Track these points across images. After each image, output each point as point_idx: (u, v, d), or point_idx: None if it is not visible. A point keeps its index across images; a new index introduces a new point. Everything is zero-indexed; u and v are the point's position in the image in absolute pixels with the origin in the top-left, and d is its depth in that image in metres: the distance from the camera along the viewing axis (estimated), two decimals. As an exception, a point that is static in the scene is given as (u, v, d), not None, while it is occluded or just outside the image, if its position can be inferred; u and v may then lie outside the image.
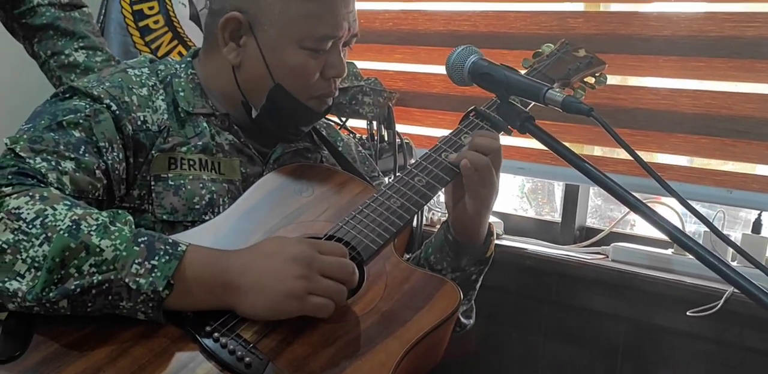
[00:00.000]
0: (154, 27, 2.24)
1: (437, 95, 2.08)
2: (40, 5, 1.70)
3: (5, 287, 1.01)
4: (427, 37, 2.09)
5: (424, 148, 2.07)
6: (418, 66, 2.14)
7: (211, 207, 1.24)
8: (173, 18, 2.26)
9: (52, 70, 1.72)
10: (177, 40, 2.27)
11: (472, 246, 1.31)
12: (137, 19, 2.23)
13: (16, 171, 1.09)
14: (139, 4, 2.22)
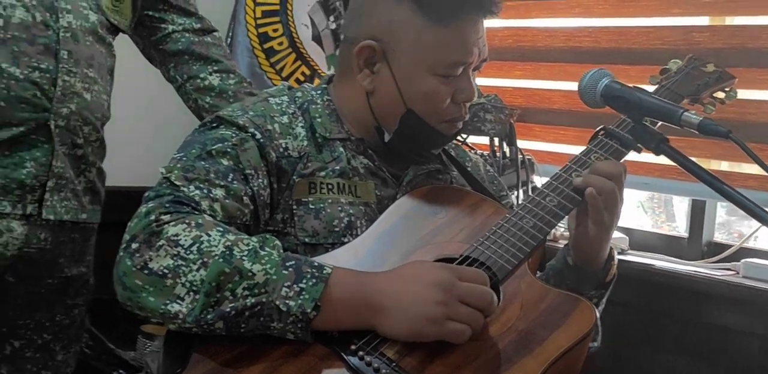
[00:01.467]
0: (279, 48, 2.35)
1: (558, 111, 2.11)
2: (175, 32, 1.81)
3: (167, 309, 1.09)
4: (548, 53, 2.13)
5: (545, 164, 2.11)
6: (539, 82, 2.18)
7: (349, 230, 1.30)
8: (296, 39, 2.37)
9: (188, 93, 1.82)
10: (300, 61, 2.38)
11: (591, 271, 1.33)
12: (262, 41, 2.34)
13: (172, 199, 1.18)
14: (264, 27, 2.34)
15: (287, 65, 2.35)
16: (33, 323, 1.67)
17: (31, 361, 1.69)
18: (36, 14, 1.54)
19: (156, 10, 1.80)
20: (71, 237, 1.66)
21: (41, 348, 1.69)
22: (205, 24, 1.86)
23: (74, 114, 1.60)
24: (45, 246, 1.62)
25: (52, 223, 1.61)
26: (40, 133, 1.57)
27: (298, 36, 2.36)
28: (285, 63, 2.35)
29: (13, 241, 1.57)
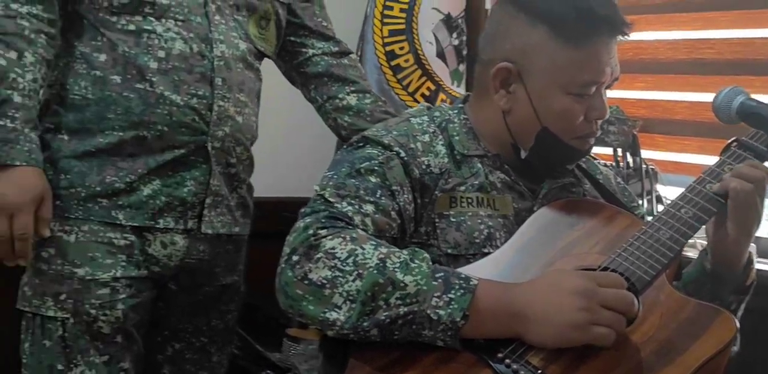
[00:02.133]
0: (405, 65, 2.41)
1: (681, 121, 2.10)
2: (315, 55, 1.88)
3: (326, 317, 1.16)
4: (669, 65, 2.12)
5: (668, 174, 2.10)
6: (661, 93, 2.16)
7: (489, 241, 1.34)
8: (421, 56, 2.42)
9: (327, 112, 1.89)
10: (425, 76, 2.42)
11: (731, 275, 1.33)
12: (389, 58, 2.40)
13: (327, 215, 1.24)
14: (391, 46, 2.40)
15: (413, 81, 2.40)
16: (192, 327, 1.76)
17: (189, 362, 1.78)
18: (193, 46, 1.62)
19: (297, 36, 1.86)
20: (226, 248, 1.74)
21: (199, 350, 1.78)
22: (342, 47, 1.91)
23: (228, 136, 1.67)
24: (203, 257, 1.70)
25: (209, 237, 1.69)
26: (198, 154, 1.64)
27: (423, 53, 2.41)
28: (411, 79, 2.39)
29: (176, 253, 1.66)
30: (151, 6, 1.60)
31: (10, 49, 1.52)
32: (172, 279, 1.70)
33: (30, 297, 1.60)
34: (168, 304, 1.72)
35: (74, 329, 1.58)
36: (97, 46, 1.60)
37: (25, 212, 1.51)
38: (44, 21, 1.56)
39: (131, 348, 1.64)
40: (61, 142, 1.61)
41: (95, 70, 1.59)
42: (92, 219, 1.60)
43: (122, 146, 1.60)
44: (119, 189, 1.60)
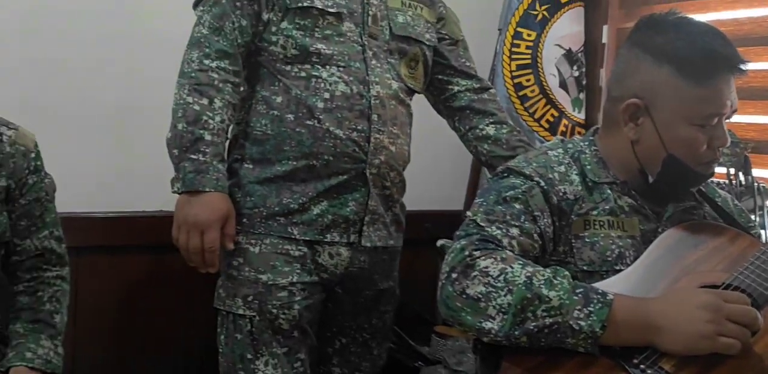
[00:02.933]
0: (531, 95, 2.38)
1: (790, 143, 1.99)
2: (459, 91, 1.88)
3: (482, 326, 1.17)
4: (778, 92, 2.01)
5: (780, 190, 1.99)
6: (771, 117, 2.07)
7: (620, 259, 1.32)
8: (545, 86, 2.39)
9: (469, 140, 1.88)
10: (549, 104, 2.39)
11: None
12: (517, 89, 2.38)
13: (480, 238, 1.25)
14: (518, 78, 2.38)
15: (539, 109, 2.37)
16: (355, 325, 1.79)
17: (354, 354, 1.81)
18: (353, 87, 1.65)
19: (444, 75, 1.87)
20: (382, 258, 1.76)
21: (362, 345, 1.80)
22: (483, 83, 1.91)
23: (383, 163, 1.68)
24: (364, 266, 1.72)
25: (368, 249, 1.71)
26: (358, 179, 1.67)
27: (547, 83, 2.37)
28: (537, 107, 2.36)
29: (341, 262, 1.69)
30: (317, 56, 1.64)
31: (203, 97, 1.59)
32: (338, 285, 1.72)
33: (224, 298, 1.66)
34: (335, 305, 1.75)
35: (260, 325, 1.62)
36: (274, 90, 1.65)
37: (214, 229, 1.57)
38: (230, 72, 1.62)
39: (306, 341, 1.68)
40: (247, 170, 1.66)
41: (273, 110, 1.64)
42: (272, 234, 1.64)
43: (296, 173, 1.64)
44: (294, 210, 1.64)
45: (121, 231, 2.05)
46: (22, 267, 1.57)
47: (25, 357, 1.47)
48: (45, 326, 1.54)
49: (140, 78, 2.08)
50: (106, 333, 2.05)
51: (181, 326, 2.11)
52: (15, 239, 1.54)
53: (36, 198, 1.56)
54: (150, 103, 2.03)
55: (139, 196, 2.08)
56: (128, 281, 2.09)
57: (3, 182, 1.50)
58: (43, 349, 1.50)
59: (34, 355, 1.48)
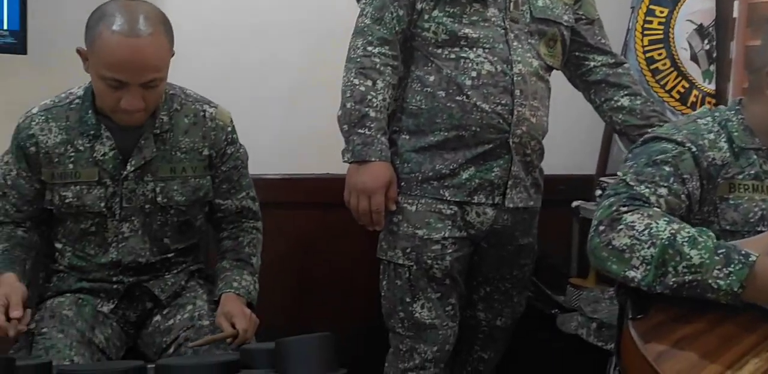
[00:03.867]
0: (662, 68, 2.38)
1: None
2: (595, 67, 1.91)
3: (626, 275, 1.23)
4: None
5: None
6: None
7: (762, 221, 1.34)
8: (677, 60, 2.38)
9: (604, 111, 1.92)
10: (680, 77, 2.38)
11: None
12: (649, 63, 2.38)
13: (628, 196, 1.29)
14: (650, 52, 2.38)
15: (670, 81, 2.36)
16: (498, 275, 1.89)
17: (497, 301, 1.92)
18: (497, 66, 1.72)
19: (581, 52, 1.90)
20: (523, 217, 1.84)
21: (504, 293, 1.91)
22: (618, 59, 1.93)
23: (525, 133, 1.75)
24: (506, 224, 1.80)
25: (511, 209, 1.79)
26: (502, 148, 1.75)
27: (679, 57, 2.36)
28: (668, 79, 2.36)
29: (487, 221, 1.78)
30: (465, 39, 1.72)
31: (368, 79, 1.71)
32: (483, 240, 1.82)
33: (386, 249, 1.80)
34: (480, 258, 1.86)
35: (416, 273, 1.75)
36: (427, 70, 1.76)
37: (379, 194, 1.71)
38: (390, 57, 1.73)
39: (456, 288, 1.80)
40: (404, 140, 1.78)
41: (427, 88, 1.75)
42: (427, 196, 1.76)
43: (446, 143, 1.74)
44: (445, 174, 1.75)
45: (295, 191, 2.24)
46: (224, 221, 1.77)
47: (232, 285, 1.63)
48: (246, 264, 1.70)
49: (313, 61, 2.25)
50: (285, 278, 2.25)
51: (346, 273, 2.28)
52: (218, 200, 1.73)
53: (234, 166, 1.73)
54: (319, 83, 2.19)
55: (309, 162, 2.26)
56: (302, 233, 2.28)
57: (206, 152, 1.68)
58: (246, 282, 1.65)
59: (239, 285, 1.63)
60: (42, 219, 1.68)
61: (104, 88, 1.51)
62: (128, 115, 1.54)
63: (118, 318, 1.68)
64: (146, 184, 1.63)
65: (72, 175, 1.61)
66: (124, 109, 1.52)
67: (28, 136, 1.61)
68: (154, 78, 1.50)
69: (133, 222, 1.65)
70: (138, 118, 1.56)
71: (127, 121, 1.57)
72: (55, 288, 1.67)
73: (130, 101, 1.50)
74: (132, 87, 1.50)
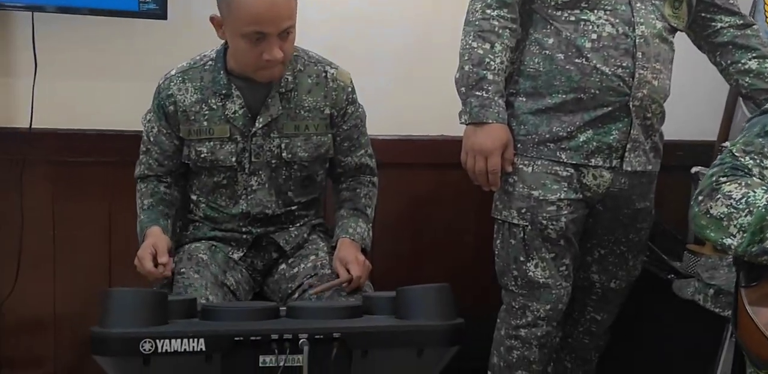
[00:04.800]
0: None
1: None
2: (722, 28, 1.84)
3: (723, 242, 1.25)
4: None
5: None
6: None
7: None
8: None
9: (730, 74, 1.85)
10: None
11: None
12: (777, 24, 2.26)
13: (731, 166, 1.30)
14: (777, 13, 2.26)
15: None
16: (613, 238, 1.87)
17: (611, 264, 1.90)
18: (619, 28, 1.68)
19: (708, 12, 1.84)
20: (641, 181, 1.81)
21: (619, 256, 1.89)
22: (747, 20, 1.85)
23: (646, 96, 1.72)
24: (623, 187, 1.78)
25: (628, 172, 1.77)
26: (622, 111, 1.72)
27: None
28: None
29: (603, 183, 1.76)
30: (585, 1, 1.69)
31: (486, 42, 1.71)
32: (599, 202, 1.80)
33: (501, 209, 1.81)
34: (596, 220, 1.84)
35: (531, 233, 1.76)
36: (546, 32, 1.74)
37: (496, 155, 1.73)
38: (508, 20, 1.72)
39: (570, 249, 1.80)
40: (521, 102, 1.78)
41: (545, 50, 1.73)
42: (543, 158, 1.75)
43: (564, 105, 1.73)
44: (562, 137, 1.74)
45: (409, 151, 2.28)
46: (344, 175, 1.86)
47: (348, 231, 1.73)
48: (361, 213, 1.80)
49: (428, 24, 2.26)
50: (401, 235, 2.31)
51: (460, 231, 2.33)
52: (338, 156, 1.81)
53: (354, 124, 1.80)
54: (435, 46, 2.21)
55: (422, 123, 2.28)
56: (417, 193, 2.32)
57: (328, 111, 1.75)
58: (360, 229, 1.76)
59: (354, 232, 1.74)
60: (180, 174, 1.80)
61: (246, 46, 1.60)
62: (270, 70, 1.63)
63: (246, 266, 1.79)
64: (272, 140, 1.72)
65: (206, 132, 1.71)
66: (266, 62, 1.60)
67: (167, 96, 1.72)
68: (289, 26, 1.59)
69: (260, 175, 1.74)
70: (278, 71, 1.65)
71: (269, 77, 1.65)
72: (192, 236, 1.80)
73: (272, 52, 1.59)
74: (271, 38, 1.58)
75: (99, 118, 2.11)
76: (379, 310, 1.36)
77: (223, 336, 1.21)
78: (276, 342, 1.23)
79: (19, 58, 2.04)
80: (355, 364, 1.26)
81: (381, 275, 1.76)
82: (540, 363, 1.84)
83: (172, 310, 1.24)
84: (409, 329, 1.30)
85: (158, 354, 1.16)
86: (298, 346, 1.23)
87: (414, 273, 2.23)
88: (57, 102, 2.06)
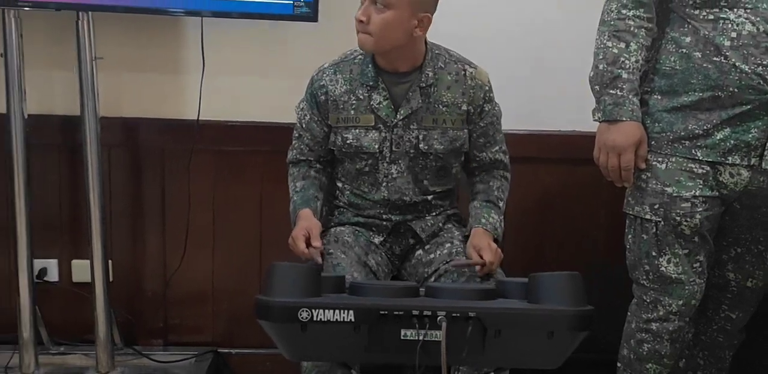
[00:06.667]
0: None
1: None
2: None
3: None
4: None
5: None
6: None
7: None
8: None
9: None
10: None
11: None
12: None
13: None
14: None
15: None
16: (750, 237, 1.81)
17: (748, 263, 1.84)
18: (759, 26, 1.62)
19: None
20: None
21: (756, 255, 1.83)
22: None
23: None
24: (762, 185, 1.71)
25: None
26: (762, 109, 1.65)
27: None
28: None
29: (741, 181, 1.71)
30: (725, 0, 1.65)
31: (621, 41, 1.70)
32: (736, 200, 1.74)
33: (633, 204, 1.78)
34: (732, 218, 1.79)
35: (664, 229, 1.73)
36: (683, 31, 1.70)
37: (629, 152, 1.71)
38: (644, 19, 1.71)
39: (705, 246, 1.75)
40: (655, 100, 1.75)
41: (682, 49, 1.70)
42: (677, 155, 1.72)
43: (701, 103, 1.69)
44: (698, 135, 1.70)
45: (540, 146, 2.29)
46: (478, 169, 1.91)
47: (481, 221, 1.79)
48: (494, 205, 1.85)
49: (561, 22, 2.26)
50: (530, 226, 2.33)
51: (591, 225, 2.32)
52: (474, 151, 1.86)
53: (490, 121, 1.85)
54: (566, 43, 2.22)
55: (557, 118, 2.28)
56: (548, 187, 2.33)
57: (465, 107, 1.80)
58: (493, 219, 1.81)
59: (487, 222, 1.79)
60: (328, 161, 1.91)
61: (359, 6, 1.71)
62: (359, 35, 1.71)
63: (386, 250, 1.88)
64: (412, 131, 1.80)
65: (353, 120, 1.81)
66: (356, 20, 1.69)
67: (320, 86, 1.83)
68: None
69: (399, 164, 1.82)
70: (363, 39, 1.71)
71: (360, 43, 1.73)
72: (337, 221, 1.91)
73: (358, 13, 1.68)
74: (366, 1, 1.68)
75: (255, 110, 2.26)
76: (512, 294, 1.40)
77: (370, 309, 1.29)
78: (416, 318, 1.29)
79: (189, 56, 2.22)
80: (489, 342, 1.31)
81: (510, 264, 1.79)
82: (671, 358, 1.81)
83: (325, 285, 1.33)
84: (541, 312, 1.33)
85: (314, 322, 1.26)
86: (437, 322, 1.29)
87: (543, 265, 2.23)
88: (221, 96, 2.23)
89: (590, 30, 1.78)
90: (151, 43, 2.21)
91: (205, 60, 2.17)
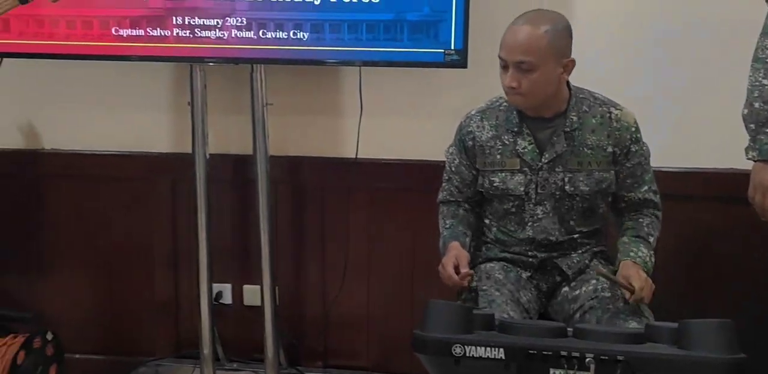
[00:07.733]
0: None
1: None
2: None
3: None
4: None
5: None
6: None
7: None
8: None
9: None
10: None
11: None
12: None
13: None
14: None
15: None
16: None
17: None
18: None
19: None
20: None
21: None
22: None
23: None
24: None
25: None
26: None
27: None
28: None
29: None
30: None
31: None
32: None
33: None
34: None
35: None
36: None
37: None
38: None
39: None
40: None
41: None
42: None
43: None
44: None
45: (695, 183, 2.24)
46: (627, 210, 1.90)
47: (629, 254, 1.76)
48: (643, 240, 1.82)
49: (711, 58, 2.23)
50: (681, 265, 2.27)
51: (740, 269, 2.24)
52: (621, 192, 1.86)
53: (637, 162, 1.84)
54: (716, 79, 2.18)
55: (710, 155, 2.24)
56: (699, 225, 2.27)
57: (610, 149, 1.81)
58: (642, 253, 1.78)
59: (635, 255, 1.76)
60: (476, 201, 1.98)
61: (500, 71, 1.78)
62: (510, 97, 1.78)
63: (533, 286, 1.90)
64: (557, 174, 1.83)
65: (499, 164, 1.87)
66: (505, 87, 1.75)
67: (467, 132, 1.91)
68: (522, 60, 1.69)
69: (545, 205, 1.86)
70: (516, 100, 1.78)
71: (512, 103, 1.81)
72: (484, 256, 1.97)
73: (507, 79, 1.73)
74: (510, 67, 1.72)
75: (408, 150, 2.39)
76: (661, 339, 1.40)
77: (520, 347, 1.34)
78: (565, 359, 1.33)
79: (349, 100, 2.39)
80: (638, 387, 1.32)
81: (659, 305, 1.77)
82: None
83: (476, 322, 1.40)
84: (692, 359, 1.32)
85: (466, 357, 1.33)
86: (585, 364, 1.32)
87: (694, 306, 2.20)
88: (376, 136, 2.38)
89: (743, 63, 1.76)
90: (315, 90, 2.41)
91: (363, 103, 2.33)
